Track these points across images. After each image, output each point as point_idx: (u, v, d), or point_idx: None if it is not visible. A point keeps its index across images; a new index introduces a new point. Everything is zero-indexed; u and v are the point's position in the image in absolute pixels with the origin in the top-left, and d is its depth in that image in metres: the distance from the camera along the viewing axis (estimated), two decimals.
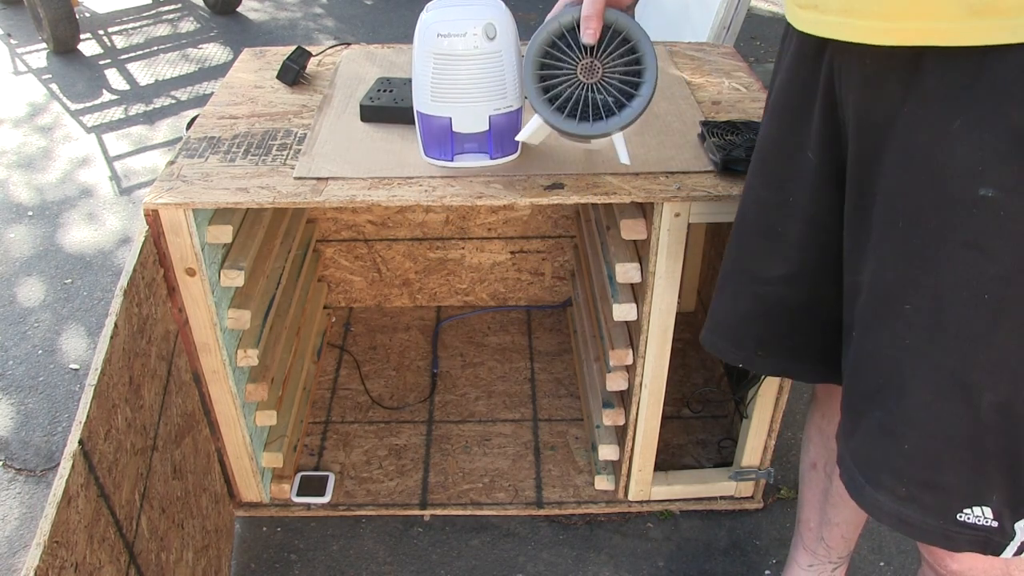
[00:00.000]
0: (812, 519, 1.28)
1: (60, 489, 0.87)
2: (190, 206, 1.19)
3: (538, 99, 1.06)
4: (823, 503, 1.24)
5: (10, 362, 1.97)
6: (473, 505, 1.58)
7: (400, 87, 1.42)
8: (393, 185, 1.21)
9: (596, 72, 1.03)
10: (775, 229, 0.93)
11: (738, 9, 2.44)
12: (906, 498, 0.80)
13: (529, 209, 1.92)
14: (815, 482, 1.24)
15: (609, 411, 1.49)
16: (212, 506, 1.40)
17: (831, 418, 1.16)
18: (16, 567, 1.50)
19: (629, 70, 1.04)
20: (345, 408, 1.79)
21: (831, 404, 1.16)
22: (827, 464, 1.20)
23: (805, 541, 1.31)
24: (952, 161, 0.70)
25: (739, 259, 1.00)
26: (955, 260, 0.72)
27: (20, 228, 2.47)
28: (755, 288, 0.98)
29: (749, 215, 0.97)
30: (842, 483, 0.87)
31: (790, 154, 0.88)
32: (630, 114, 1.05)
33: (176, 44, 3.76)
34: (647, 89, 1.04)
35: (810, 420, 1.23)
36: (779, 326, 0.98)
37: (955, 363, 0.74)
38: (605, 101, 1.05)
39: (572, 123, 1.06)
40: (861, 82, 0.77)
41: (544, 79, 1.05)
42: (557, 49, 1.03)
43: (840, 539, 1.26)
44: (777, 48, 0.93)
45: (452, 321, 2.03)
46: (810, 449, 1.23)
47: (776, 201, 0.91)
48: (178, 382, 1.28)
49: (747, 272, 0.98)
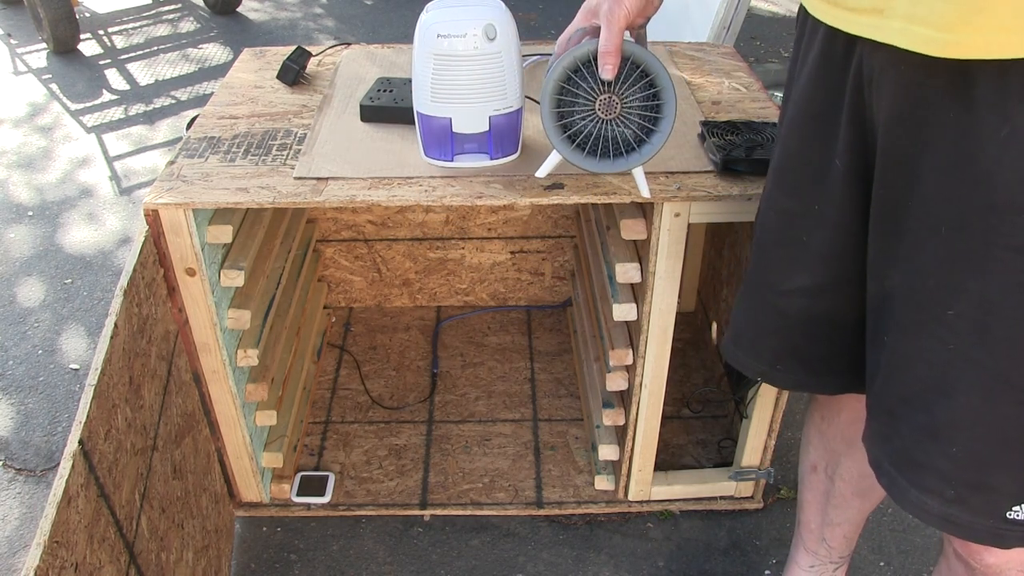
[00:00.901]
0: (813, 520, 1.27)
1: (60, 489, 0.87)
2: (190, 206, 1.19)
3: (558, 137, 1.05)
4: (824, 504, 1.23)
5: (10, 362, 1.97)
6: (473, 505, 1.58)
7: (400, 87, 1.42)
8: (393, 185, 1.21)
9: (615, 108, 1.02)
10: (799, 239, 0.92)
11: (738, 9, 2.45)
12: (954, 500, 0.81)
13: (529, 209, 1.92)
14: (816, 484, 1.24)
15: (609, 411, 1.49)
16: (212, 506, 1.40)
17: (831, 420, 1.16)
18: (16, 567, 1.50)
19: (648, 104, 1.03)
20: (345, 408, 1.79)
21: (831, 406, 1.15)
22: (828, 466, 1.20)
23: (806, 542, 1.31)
24: (999, 168, 0.70)
25: (759, 271, 0.99)
26: (1003, 265, 0.72)
27: (20, 228, 2.47)
28: (775, 300, 0.97)
29: (770, 225, 0.97)
30: (881, 487, 0.87)
31: (815, 162, 0.88)
32: (650, 150, 1.05)
33: (176, 44, 3.76)
34: (667, 124, 1.03)
35: (809, 422, 1.23)
36: (798, 338, 0.98)
37: (1005, 366, 0.75)
38: (624, 136, 1.04)
39: (593, 161, 1.05)
40: (898, 87, 0.76)
41: (562, 116, 1.04)
42: (573, 84, 1.02)
43: (842, 539, 1.26)
44: (777, 48, 0.93)
45: (452, 321, 2.03)
46: (810, 451, 1.23)
47: (800, 211, 0.91)
48: (178, 382, 1.28)
49: (767, 284, 0.98)
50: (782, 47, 3.75)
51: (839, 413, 1.14)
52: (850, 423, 1.13)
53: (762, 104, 1.45)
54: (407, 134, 1.34)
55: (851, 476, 1.17)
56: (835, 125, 0.84)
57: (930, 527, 1.56)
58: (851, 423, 1.12)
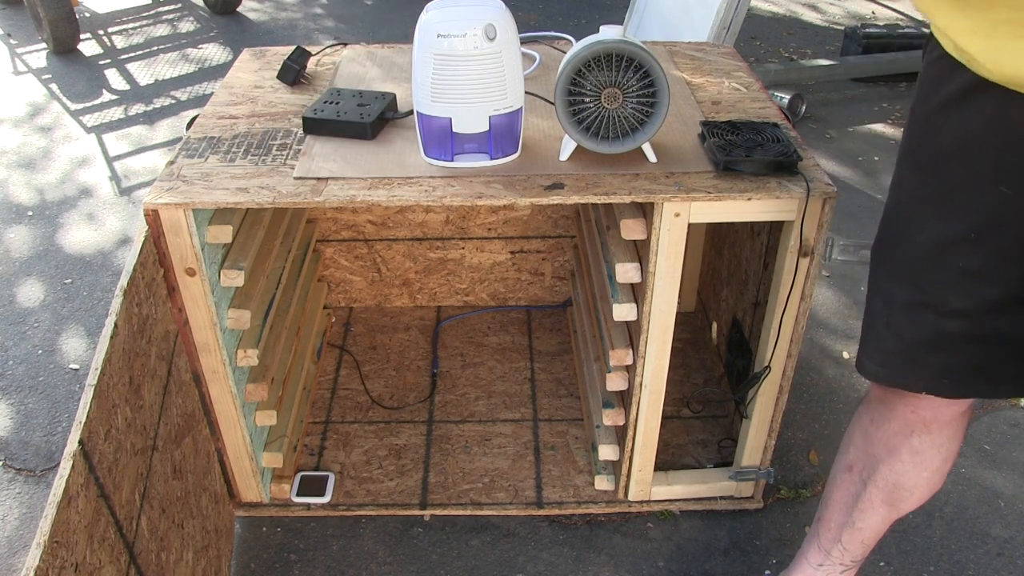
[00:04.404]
0: (834, 520, 1.26)
1: (60, 489, 0.87)
2: (190, 206, 1.19)
3: (572, 127, 1.23)
4: (851, 506, 1.22)
5: (10, 362, 1.97)
6: (473, 505, 1.58)
7: (348, 99, 1.40)
8: (393, 185, 1.21)
9: (617, 98, 1.20)
10: (956, 264, 0.95)
11: (738, 9, 2.45)
12: None
13: (529, 209, 1.92)
14: (847, 484, 1.22)
15: (609, 411, 1.49)
16: (212, 506, 1.40)
17: (880, 424, 1.14)
18: (16, 567, 1.50)
19: (645, 92, 1.19)
20: (345, 408, 1.79)
21: (883, 412, 1.13)
22: (864, 469, 1.18)
23: (821, 540, 1.29)
24: None
25: (916, 293, 1.01)
26: None
27: (20, 228, 2.47)
28: (937, 320, 0.99)
29: (924, 252, 0.99)
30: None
31: (979, 190, 0.91)
32: (651, 128, 1.22)
33: (176, 44, 3.76)
34: (662, 107, 1.20)
35: (856, 421, 1.20)
36: (964, 354, 1.00)
37: None
38: (627, 119, 1.22)
39: (606, 144, 1.24)
40: None
41: (574, 108, 1.21)
42: (580, 81, 1.19)
43: (859, 544, 1.25)
44: (777, 48, 0.94)
45: (452, 321, 2.03)
46: (850, 451, 1.21)
47: (960, 237, 0.94)
48: (178, 382, 1.28)
49: (928, 306, 0.99)
50: (782, 47, 3.75)
51: (890, 420, 1.12)
52: (897, 432, 1.12)
53: (762, 104, 1.45)
54: (407, 134, 1.34)
55: (885, 484, 1.16)
56: (1000, 155, 0.88)
57: (930, 527, 1.56)
58: (898, 432, 1.11)
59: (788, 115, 2.83)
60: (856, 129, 3.07)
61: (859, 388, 1.89)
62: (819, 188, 1.20)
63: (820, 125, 3.08)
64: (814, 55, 3.65)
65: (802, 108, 3.05)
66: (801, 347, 1.39)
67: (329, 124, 1.34)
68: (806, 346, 2.00)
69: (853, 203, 2.59)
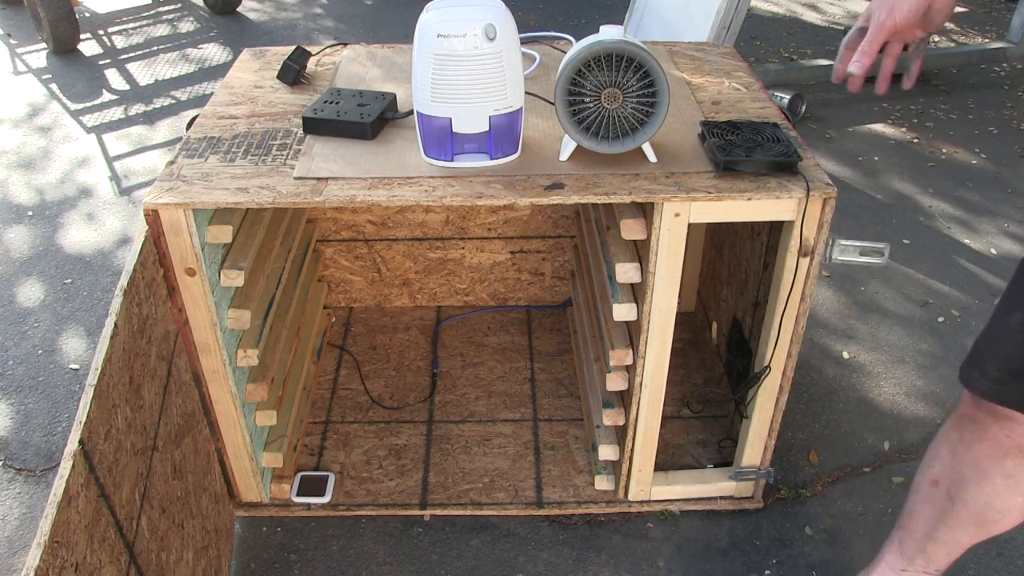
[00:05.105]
0: (919, 531, 1.24)
1: (60, 489, 0.87)
2: (190, 206, 1.19)
3: (572, 127, 1.22)
4: (937, 521, 1.20)
5: (10, 362, 1.97)
6: (473, 505, 1.58)
7: (348, 99, 1.40)
8: (393, 185, 1.21)
9: (617, 98, 1.19)
10: None
11: (738, 9, 2.45)
12: None
13: (529, 209, 1.92)
14: (933, 499, 1.20)
15: (609, 411, 1.49)
16: (212, 506, 1.40)
17: (969, 445, 1.12)
18: (16, 567, 1.50)
19: (645, 91, 1.19)
20: (345, 408, 1.79)
21: (974, 432, 1.11)
22: (952, 487, 1.16)
23: (905, 547, 1.27)
24: None
25: None
26: None
27: (20, 228, 2.47)
28: None
29: None
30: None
31: None
32: (651, 128, 1.22)
33: (176, 44, 3.76)
34: (662, 107, 1.20)
35: (943, 437, 1.18)
36: None
37: None
38: (627, 119, 1.21)
39: (606, 144, 1.23)
40: None
41: (574, 108, 1.20)
42: (580, 81, 1.18)
43: (944, 556, 1.23)
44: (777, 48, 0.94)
45: (452, 321, 2.03)
46: (935, 465, 1.19)
47: None
48: (178, 382, 1.28)
49: None
50: (782, 47, 3.75)
51: (981, 441, 1.10)
52: (988, 455, 1.10)
53: (762, 104, 1.45)
54: (407, 134, 1.34)
55: (976, 505, 1.14)
56: None
57: None
58: (989, 456, 1.09)
59: (788, 115, 2.83)
60: (856, 129, 3.07)
61: (859, 388, 1.89)
62: (819, 188, 1.20)
63: (820, 125, 3.08)
64: (814, 55, 3.65)
65: (802, 108, 3.05)
66: (801, 347, 1.39)
67: (329, 124, 1.34)
68: (806, 346, 2.00)
69: (853, 203, 2.59)
